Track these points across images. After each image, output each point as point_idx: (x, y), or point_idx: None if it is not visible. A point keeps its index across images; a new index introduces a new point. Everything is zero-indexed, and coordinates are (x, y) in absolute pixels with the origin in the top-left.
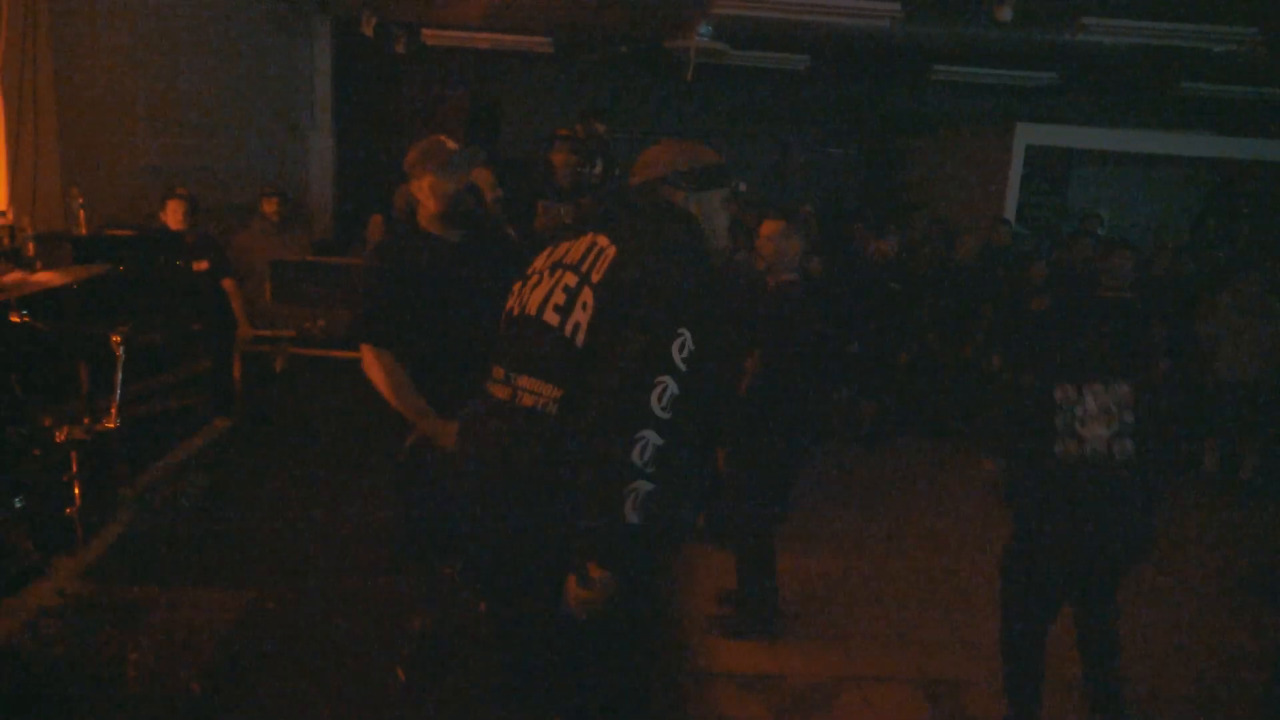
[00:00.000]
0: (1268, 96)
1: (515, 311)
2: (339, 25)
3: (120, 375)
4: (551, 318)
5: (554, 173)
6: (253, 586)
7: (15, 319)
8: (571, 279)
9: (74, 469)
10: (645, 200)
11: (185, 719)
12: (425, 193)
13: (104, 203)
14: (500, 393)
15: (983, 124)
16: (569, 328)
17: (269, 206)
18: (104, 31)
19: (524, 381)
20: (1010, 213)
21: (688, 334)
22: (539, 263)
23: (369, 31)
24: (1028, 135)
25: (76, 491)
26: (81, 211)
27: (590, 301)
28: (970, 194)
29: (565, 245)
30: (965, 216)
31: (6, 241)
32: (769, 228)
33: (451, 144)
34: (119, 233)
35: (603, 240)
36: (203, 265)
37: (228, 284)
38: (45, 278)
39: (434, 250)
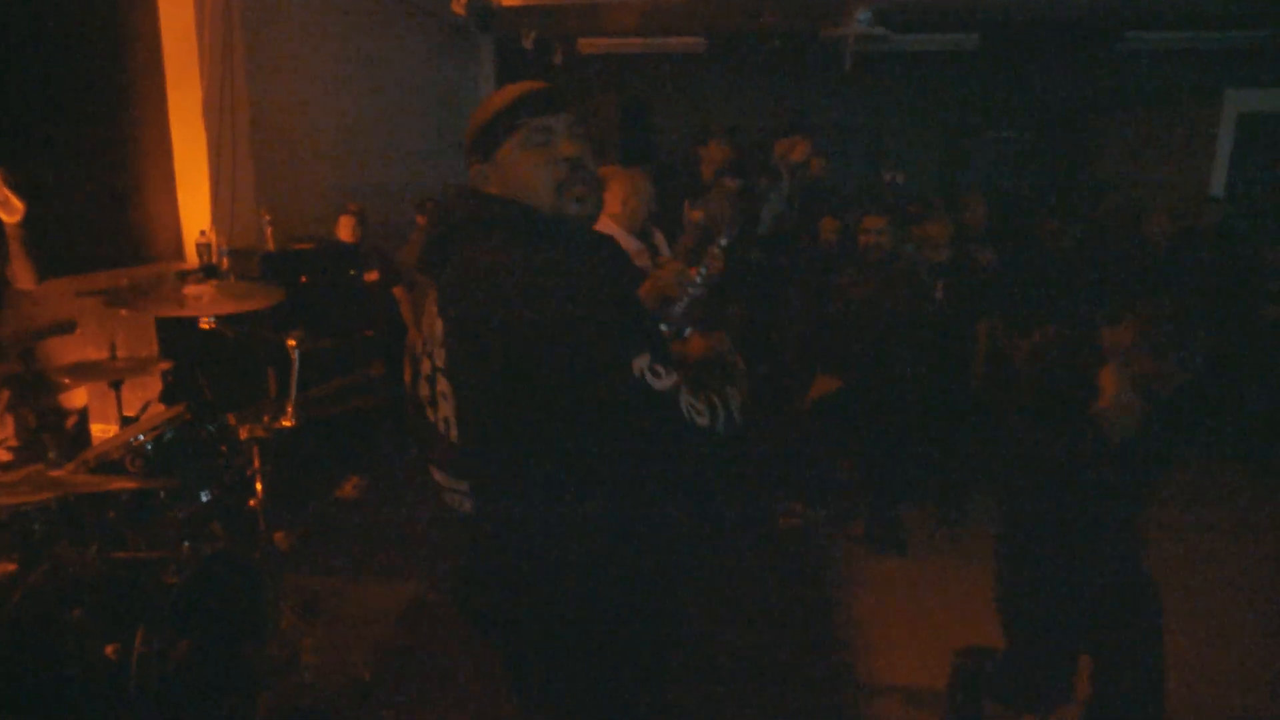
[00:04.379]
0: None
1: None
2: (500, 43)
3: (295, 377)
4: (429, 413)
5: (699, 169)
6: (415, 579)
7: (204, 325)
8: (426, 363)
9: (255, 464)
10: (458, 207)
11: (356, 703)
12: None
13: (289, 220)
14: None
15: (1184, 94)
16: (441, 422)
17: (424, 219)
18: (292, 65)
19: (438, 477)
20: (1218, 191)
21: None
22: None
23: (529, 45)
24: (1239, 103)
25: (259, 486)
26: (269, 229)
27: (448, 390)
28: (1171, 173)
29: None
30: (1165, 199)
31: (206, 258)
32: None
33: None
34: (300, 246)
35: (431, 293)
36: (373, 275)
37: (397, 291)
38: (232, 306)
39: None
